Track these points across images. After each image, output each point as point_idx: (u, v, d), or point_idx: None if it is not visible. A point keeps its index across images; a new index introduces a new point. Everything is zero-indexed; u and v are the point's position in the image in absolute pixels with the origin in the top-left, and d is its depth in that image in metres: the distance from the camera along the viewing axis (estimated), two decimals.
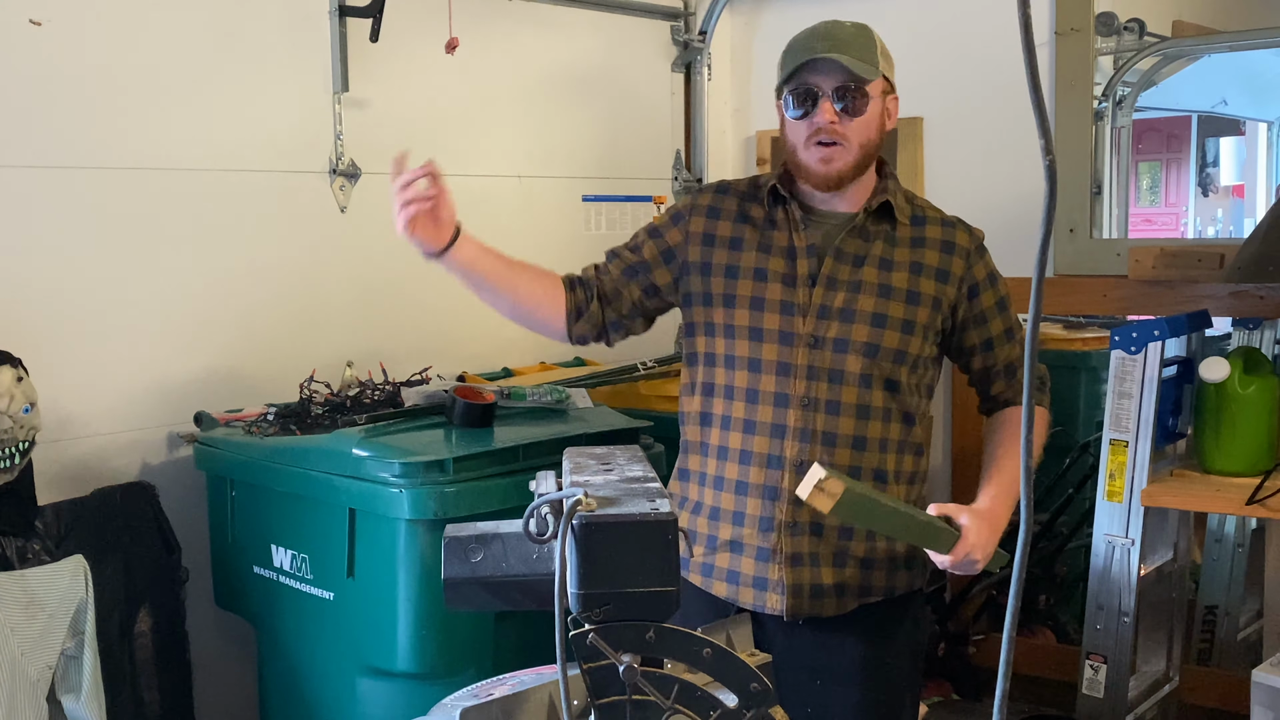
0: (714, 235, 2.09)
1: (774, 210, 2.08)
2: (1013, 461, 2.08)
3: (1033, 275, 0.82)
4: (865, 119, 1.99)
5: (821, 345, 2.00)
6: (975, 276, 2.09)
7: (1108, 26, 3.32)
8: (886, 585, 2.05)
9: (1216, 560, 3.10)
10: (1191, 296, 2.90)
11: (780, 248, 2.05)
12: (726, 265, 2.06)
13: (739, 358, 2.03)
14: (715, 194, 2.13)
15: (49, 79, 2.54)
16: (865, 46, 2.01)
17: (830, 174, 2.00)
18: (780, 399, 2.00)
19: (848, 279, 2.01)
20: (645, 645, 1.14)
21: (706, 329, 2.07)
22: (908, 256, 2.05)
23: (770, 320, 2.01)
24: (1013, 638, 0.75)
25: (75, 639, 2.28)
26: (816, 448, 1.99)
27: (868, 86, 1.99)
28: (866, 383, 2.00)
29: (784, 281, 2.02)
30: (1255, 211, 4.83)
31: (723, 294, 2.05)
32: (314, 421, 2.61)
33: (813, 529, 2.00)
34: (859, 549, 2.02)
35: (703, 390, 2.09)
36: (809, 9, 3.73)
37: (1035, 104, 0.70)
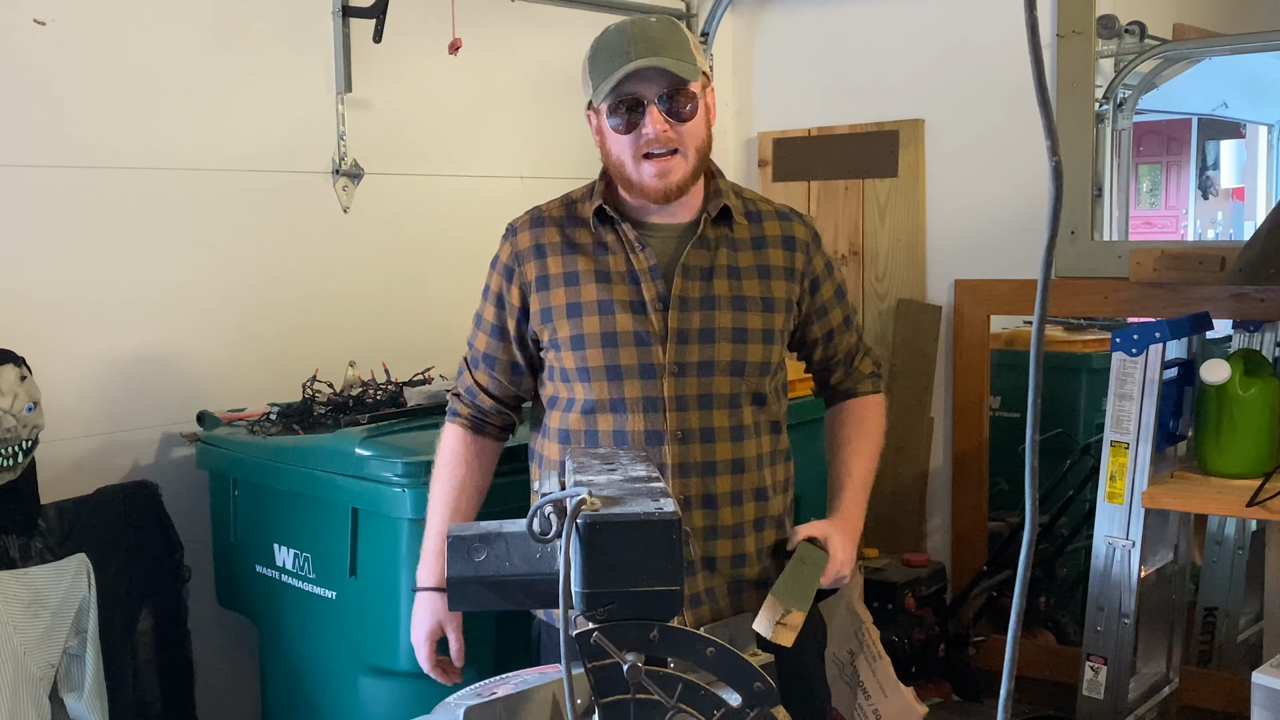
0: (546, 276, 1.95)
1: (602, 232, 1.95)
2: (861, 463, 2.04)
3: (1037, 276, 0.82)
4: (695, 122, 1.89)
5: (686, 372, 1.89)
6: (815, 269, 2.02)
7: (1109, 29, 3.33)
8: None
9: (1217, 562, 3.10)
10: (1192, 299, 2.90)
11: (620, 273, 1.92)
12: (567, 305, 1.92)
13: (599, 400, 1.91)
14: (532, 229, 1.99)
15: (51, 78, 2.54)
16: (680, 44, 1.89)
17: (670, 186, 1.88)
18: (652, 437, 1.89)
19: (700, 296, 1.91)
20: (649, 644, 1.15)
21: (561, 374, 1.95)
22: (753, 260, 1.96)
23: (626, 355, 1.89)
24: (1017, 638, 0.76)
25: (78, 637, 2.28)
26: (698, 480, 1.91)
27: (691, 86, 1.87)
28: (736, 402, 1.92)
29: (633, 309, 1.90)
30: (1255, 214, 4.83)
31: (569, 336, 1.92)
32: (316, 421, 2.62)
33: (705, 565, 1.92)
34: (752, 572, 1.97)
35: (560, 437, 1.96)
36: (810, 10, 3.75)
37: (1042, 105, 0.70)
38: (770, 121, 3.85)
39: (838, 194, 3.68)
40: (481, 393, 2.06)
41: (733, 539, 1.95)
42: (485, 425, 2.07)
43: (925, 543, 3.50)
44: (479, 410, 2.07)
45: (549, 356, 1.98)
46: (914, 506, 3.50)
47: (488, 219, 3.40)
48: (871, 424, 2.11)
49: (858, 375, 2.13)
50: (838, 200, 3.68)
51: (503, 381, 2.05)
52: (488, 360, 2.05)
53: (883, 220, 3.59)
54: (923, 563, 3.25)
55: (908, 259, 3.54)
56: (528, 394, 2.08)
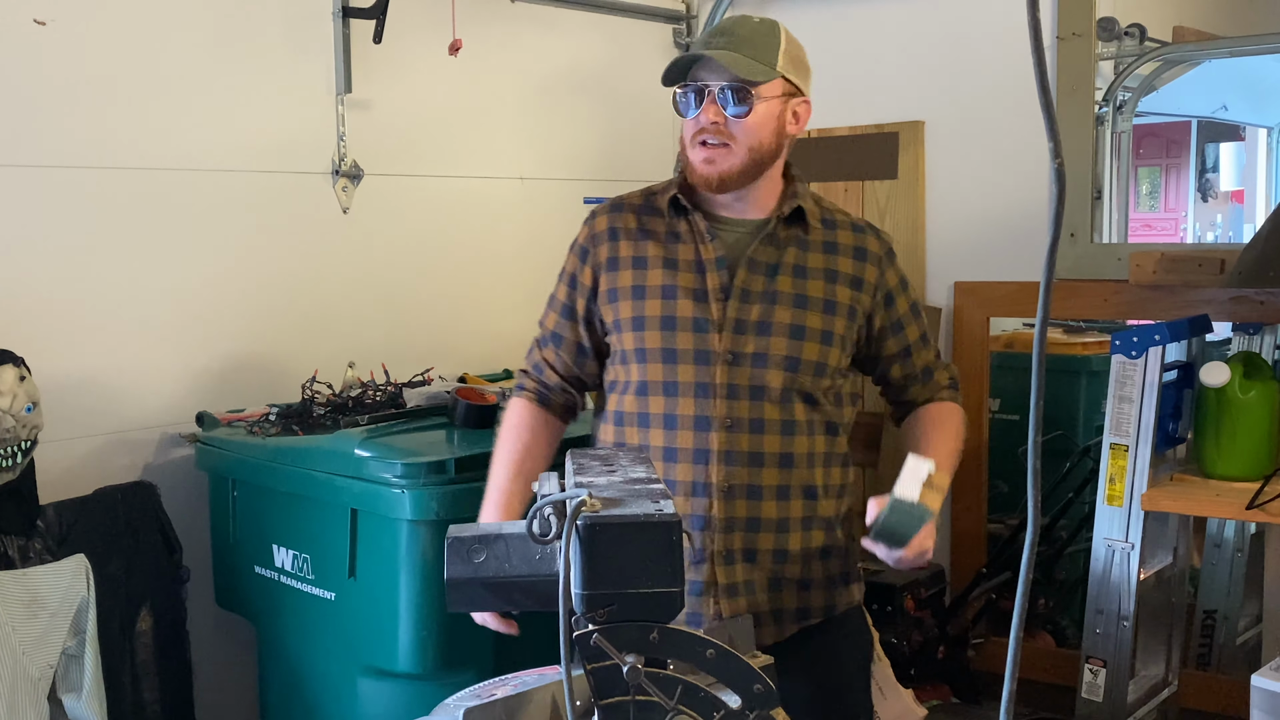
0: (617, 258, 2.00)
1: (676, 222, 1.99)
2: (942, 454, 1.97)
3: (1036, 278, 0.82)
4: (754, 121, 1.90)
5: (740, 362, 1.91)
6: (889, 283, 2.03)
7: (1109, 31, 3.33)
8: (825, 605, 2.00)
9: (1216, 565, 3.10)
10: (1192, 301, 2.90)
11: (687, 261, 1.96)
12: (633, 287, 1.97)
13: (653, 382, 1.94)
14: (611, 213, 2.04)
15: (52, 78, 2.54)
16: (764, 46, 1.91)
17: (711, 175, 1.91)
18: (701, 422, 1.91)
19: (762, 290, 1.94)
20: (649, 646, 1.15)
21: (621, 356, 1.99)
22: (821, 263, 1.97)
23: (683, 340, 1.92)
24: (1019, 640, 0.76)
25: (76, 638, 2.28)
26: (743, 469, 1.91)
27: (760, 88, 1.89)
28: (789, 397, 1.93)
29: (694, 297, 1.93)
30: (1255, 217, 4.83)
31: (631, 317, 1.96)
32: (316, 422, 2.62)
33: (745, 556, 1.93)
34: (795, 571, 1.96)
35: (615, 419, 2.01)
36: (810, 12, 3.75)
37: (1045, 107, 0.70)
38: None
39: (837, 196, 3.68)
40: (548, 368, 2.10)
41: (776, 533, 1.95)
42: (549, 400, 2.11)
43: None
44: (544, 386, 2.11)
45: (612, 339, 2.02)
46: None
47: (487, 220, 3.42)
48: (951, 424, 2.07)
49: (935, 386, 2.10)
50: (837, 202, 3.64)
51: (568, 361, 2.09)
52: (555, 339, 2.10)
53: (882, 222, 3.58)
54: (923, 566, 3.24)
55: (907, 261, 3.51)
56: (590, 379, 2.11)
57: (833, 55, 3.66)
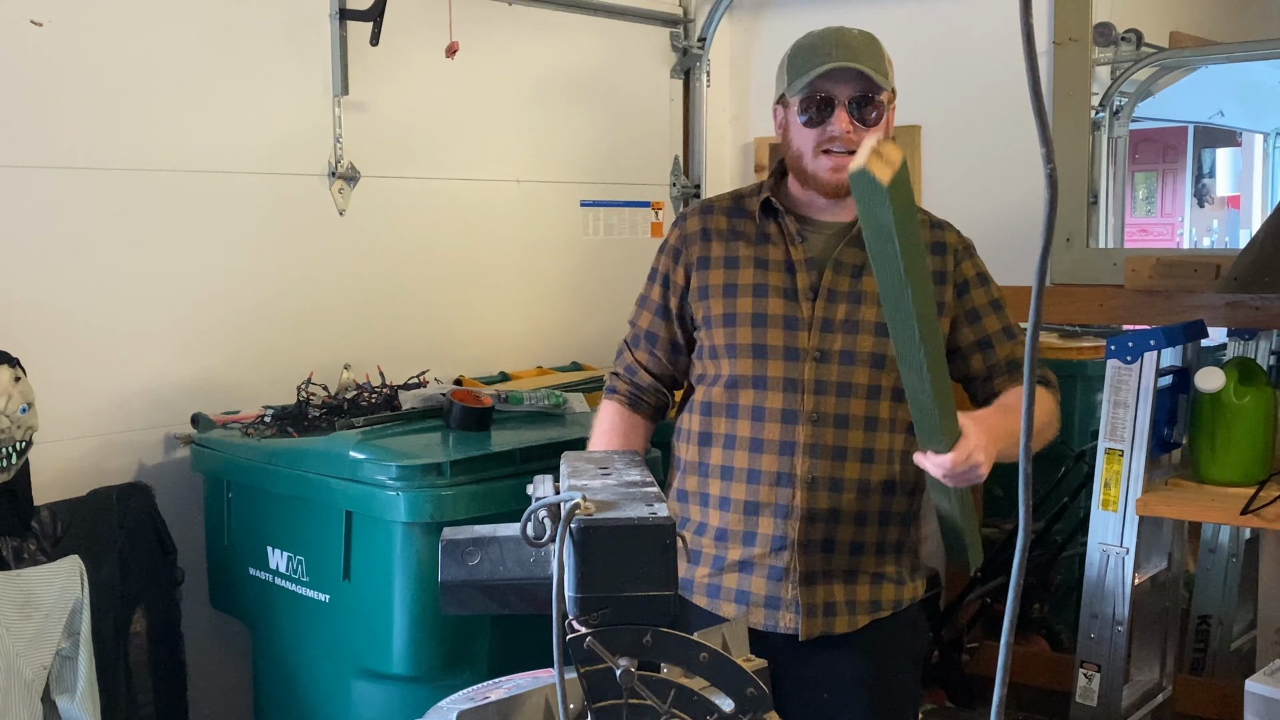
0: (708, 258, 2.06)
1: (766, 224, 2.05)
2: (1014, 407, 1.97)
3: (1033, 283, 0.82)
4: (880, 129, 1.98)
5: (828, 359, 1.97)
6: (964, 274, 2.08)
7: (1105, 37, 3.34)
8: (895, 599, 2.04)
9: (1210, 570, 3.11)
10: (1187, 307, 2.91)
11: (777, 262, 2.02)
12: (724, 285, 2.04)
13: (742, 376, 2.00)
14: (701, 215, 2.11)
15: (48, 79, 2.54)
16: (877, 55, 2.01)
17: (842, 182, 1.96)
18: (788, 415, 1.97)
19: (848, 290, 2.00)
20: (642, 649, 1.15)
21: (710, 351, 2.05)
22: None
23: (774, 336, 1.99)
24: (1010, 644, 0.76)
25: (70, 639, 2.27)
26: (827, 462, 1.97)
27: (882, 96, 1.98)
28: (875, 394, 1.99)
29: (784, 296, 2.00)
30: (1251, 223, 4.84)
31: (722, 314, 2.03)
32: (311, 424, 2.61)
33: (825, 546, 1.98)
34: (870, 564, 2.01)
35: (702, 409, 2.06)
36: (809, 16, 3.74)
37: (1037, 112, 0.70)
38: (767, 127, 3.81)
39: None
40: (641, 370, 2.15)
41: (855, 525, 1.99)
42: (641, 402, 2.15)
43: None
44: (636, 387, 2.15)
45: (700, 335, 2.07)
46: None
47: (483, 222, 3.42)
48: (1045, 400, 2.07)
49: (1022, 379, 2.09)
50: None
51: (662, 359, 2.13)
52: (649, 338, 2.14)
53: None
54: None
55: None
56: (683, 376, 2.16)
57: None
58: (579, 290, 3.64)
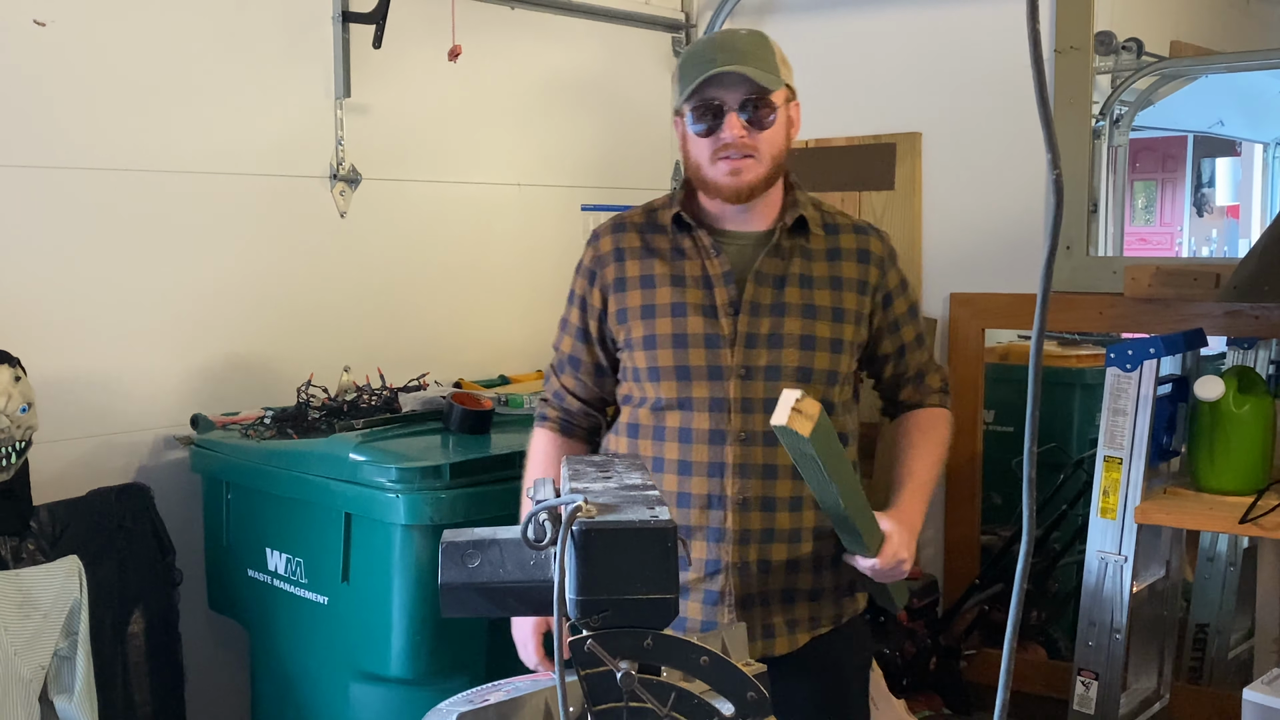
0: (624, 279, 2.02)
1: (680, 238, 2.01)
2: (923, 465, 2.05)
3: (1031, 290, 0.82)
4: (773, 130, 1.94)
5: (753, 375, 1.93)
6: (889, 284, 2.06)
7: (1106, 46, 3.34)
8: (835, 614, 2.02)
9: (1208, 578, 3.11)
10: (1187, 315, 2.91)
11: (695, 278, 1.97)
12: (642, 306, 1.99)
13: (667, 399, 1.96)
14: (614, 234, 2.06)
15: (51, 80, 2.54)
16: (765, 56, 1.94)
17: (741, 185, 1.93)
18: (715, 436, 1.93)
19: (771, 302, 1.95)
20: (643, 652, 1.15)
21: (634, 374, 2.01)
22: (826, 271, 2.00)
23: (696, 356, 1.94)
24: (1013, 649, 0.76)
25: (69, 639, 2.27)
26: (758, 482, 1.93)
27: (772, 96, 1.92)
28: None
29: (704, 313, 1.95)
30: (1250, 232, 4.85)
31: (643, 336, 1.98)
32: (311, 425, 2.61)
33: (760, 567, 1.95)
34: (806, 581, 1.98)
35: (629, 431, 2.02)
36: (809, 23, 3.76)
37: (1044, 119, 0.70)
38: None
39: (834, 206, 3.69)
40: (569, 395, 2.11)
41: (789, 544, 1.97)
42: (573, 428, 2.12)
43: (918, 556, 3.50)
44: (566, 413, 2.12)
45: (624, 357, 2.04)
46: None
47: (484, 226, 3.42)
48: (937, 432, 2.11)
49: (926, 389, 2.13)
50: None
51: (588, 383, 2.10)
52: (573, 363, 2.10)
53: None
54: (915, 575, 3.25)
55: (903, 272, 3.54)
56: (612, 397, 2.12)
57: (831, 66, 3.68)
58: None
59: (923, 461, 2.05)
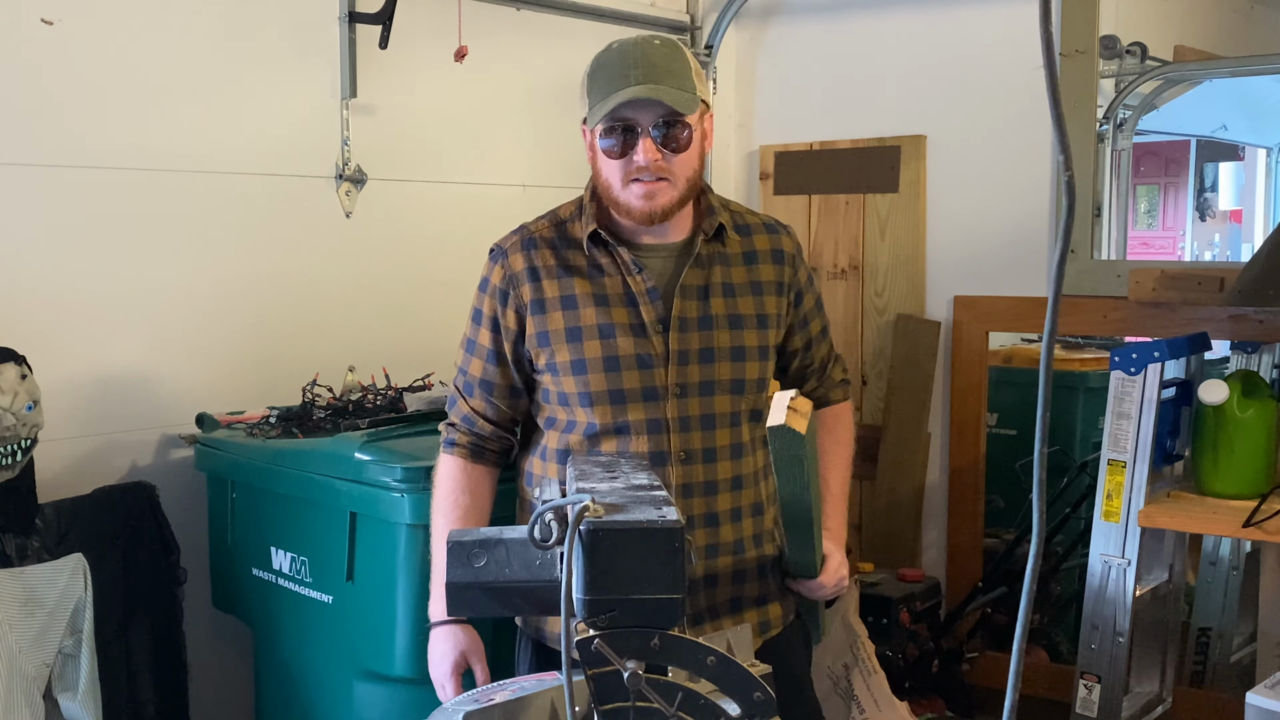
0: (542, 299, 1.93)
1: (596, 254, 1.94)
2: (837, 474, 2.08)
3: (1035, 293, 0.83)
4: (689, 152, 1.87)
5: (688, 393, 1.90)
6: (800, 281, 2.05)
7: (1110, 49, 3.35)
8: (783, 614, 2.03)
9: (1211, 582, 3.11)
10: (1191, 319, 2.91)
11: (617, 295, 1.91)
12: (567, 329, 1.91)
13: (603, 424, 1.90)
14: (525, 251, 1.97)
15: (57, 78, 2.54)
16: (681, 72, 1.86)
17: (655, 209, 1.87)
18: (656, 458, 1.89)
19: (698, 316, 1.92)
20: (650, 652, 1.15)
21: (560, 398, 1.94)
22: (745, 275, 1.97)
23: (629, 379, 1.89)
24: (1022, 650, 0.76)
25: (73, 637, 2.28)
26: (700, 500, 1.92)
27: (689, 117, 1.85)
28: (736, 420, 1.94)
29: (633, 333, 1.90)
30: (1254, 237, 4.84)
31: (570, 360, 1.91)
32: (316, 425, 2.62)
33: (707, 582, 1.93)
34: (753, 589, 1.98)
35: (558, 458, 1.94)
36: (814, 25, 3.77)
37: (1055, 120, 0.71)
38: (772, 135, 3.86)
39: (838, 208, 3.69)
40: (480, 419, 2.03)
41: (734, 555, 1.96)
42: (484, 452, 2.04)
43: (921, 558, 3.50)
44: (477, 438, 2.04)
45: (545, 379, 1.97)
46: (910, 521, 3.50)
47: (489, 226, 3.40)
48: (843, 433, 2.15)
49: (829, 383, 2.15)
50: (838, 215, 3.69)
51: (501, 406, 2.02)
52: (484, 386, 2.02)
53: (883, 235, 3.60)
54: (918, 578, 3.25)
55: (907, 274, 3.55)
56: (523, 417, 2.07)
57: (835, 68, 3.69)
58: None
59: (836, 471, 2.08)
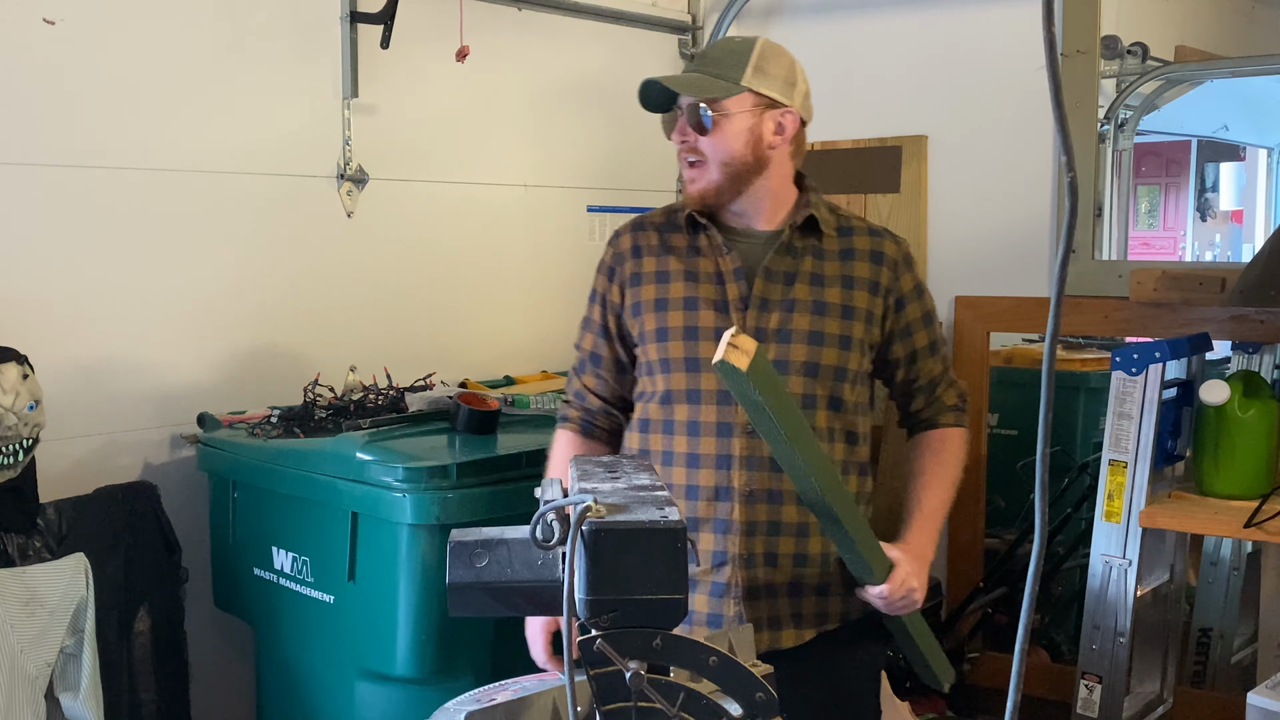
0: (640, 274, 2.06)
1: (695, 237, 2.04)
2: (933, 494, 2.06)
3: (1036, 293, 0.83)
4: (721, 135, 1.96)
5: None
6: (902, 288, 2.06)
7: (1111, 50, 3.35)
8: (843, 611, 2.02)
9: (1212, 583, 3.11)
10: (1192, 320, 2.91)
11: (708, 274, 2.01)
12: (655, 300, 2.03)
13: (676, 391, 1.99)
14: (633, 232, 2.10)
15: (60, 78, 2.55)
16: (731, 63, 1.97)
17: (693, 192, 2.00)
18: (723, 429, 1.95)
19: (780, 298, 1.98)
20: (652, 652, 1.15)
21: (647, 367, 2.04)
22: (838, 270, 2.02)
23: (706, 349, 1.96)
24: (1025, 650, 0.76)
25: (75, 637, 2.28)
26: (764, 474, 1.95)
27: (722, 103, 1.95)
28: (810, 403, 1.96)
29: (715, 308, 1.99)
30: (1254, 237, 4.84)
31: (655, 329, 2.01)
32: (317, 425, 2.62)
33: (767, 560, 1.96)
34: (814, 577, 1.98)
35: (640, 426, 2.05)
36: (815, 25, 3.77)
37: (1058, 121, 0.71)
38: None
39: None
40: (590, 395, 2.14)
41: (796, 537, 1.97)
42: (594, 428, 2.14)
43: None
44: (587, 412, 2.14)
45: (639, 352, 2.07)
46: None
47: (490, 226, 3.43)
48: (949, 456, 2.10)
49: (940, 405, 2.12)
50: None
51: (609, 380, 2.12)
52: (594, 359, 2.13)
53: None
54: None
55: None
56: (632, 396, 2.13)
57: (837, 68, 3.69)
58: (584, 295, 3.63)
59: (931, 491, 2.06)
